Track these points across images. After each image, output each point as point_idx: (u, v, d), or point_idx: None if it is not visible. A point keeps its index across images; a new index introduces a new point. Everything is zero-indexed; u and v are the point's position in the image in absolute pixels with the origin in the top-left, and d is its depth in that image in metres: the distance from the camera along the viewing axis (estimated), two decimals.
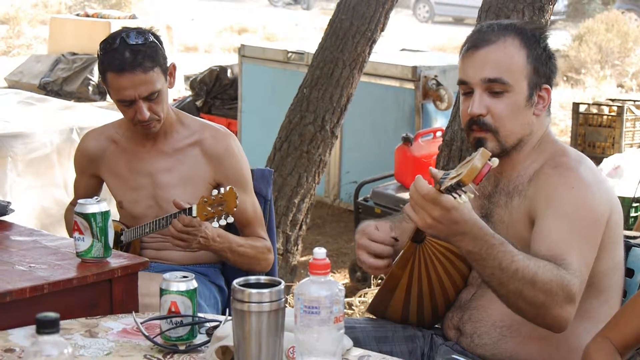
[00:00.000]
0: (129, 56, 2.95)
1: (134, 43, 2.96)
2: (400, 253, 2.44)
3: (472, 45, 2.42)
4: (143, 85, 2.97)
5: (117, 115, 3.25)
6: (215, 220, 2.85)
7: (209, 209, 2.83)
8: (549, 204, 2.29)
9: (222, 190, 2.84)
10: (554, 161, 2.38)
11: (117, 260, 2.67)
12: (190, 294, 2.19)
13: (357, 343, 2.32)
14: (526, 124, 2.42)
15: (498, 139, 2.40)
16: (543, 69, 2.41)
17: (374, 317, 2.64)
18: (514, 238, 2.22)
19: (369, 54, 5.42)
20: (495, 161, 1.97)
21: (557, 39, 15.52)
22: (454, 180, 1.95)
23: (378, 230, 2.56)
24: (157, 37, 3.06)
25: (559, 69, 2.52)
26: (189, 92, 9.69)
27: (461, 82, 2.45)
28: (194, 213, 2.86)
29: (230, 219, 2.85)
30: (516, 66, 2.38)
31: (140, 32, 3.02)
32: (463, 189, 1.95)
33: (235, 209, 2.82)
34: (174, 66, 3.12)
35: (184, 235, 2.90)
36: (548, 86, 2.43)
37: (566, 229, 2.25)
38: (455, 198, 1.99)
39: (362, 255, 2.54)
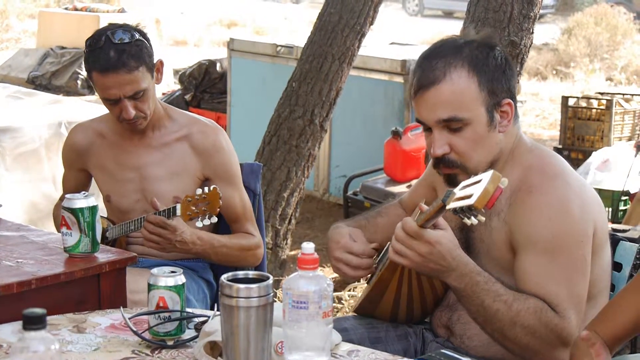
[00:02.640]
0: (113, 55, 2.93)
1: (119, 42, 2.93)
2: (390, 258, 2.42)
3: (419, 87, 2.30)
4: (128, 85, 2.96)
5: (105, 109, 3.23)
6: (199, 220, 2.83)
7: (193, 208, 2.81)
8: (530, 239, 2.24)
9: (206, 189, 2.82)
10: (528, 183, 2.29)
11: (105, 255, 2.66)
12: (179, 289, 2.18)
13: (350, 343, 2.30)
14: (494, 146, 2.33)
15: (468, 173, 2.29)
16: (499, 85, 2.30)
17: (363, 315, 2.62)
18: (494, 259, 2.20)
19: (358, 47, 5.42)
20: (505, 182, 1.90)
21: (546, 33, 15.56)
22: (464, 203, 1.90)
23: (355, 242, 2.55)
24: (143, 34, 3.04)
25: (517, 74, 2.40)
26: (178, 86, 9.68)
27: (418, 121, 2.38)
28: (178, 212, 2.85)
29: (214, 219, 2.84)
30: (468, 99, 2.27)
31: (126, 29, 2.99)
32: (474, 212, 1.91)
33: (218, 209, 2.81)
34: (161, 62, 3.10)
35: (154, 236, 2.88)
36: (509, 99, 2.32)
37: (550, 267, 2.21)
38: (463, 219, 1.95)
39: (343, 268, 2.53)
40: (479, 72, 2.28)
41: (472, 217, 1.90)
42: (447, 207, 1.96)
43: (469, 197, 1.89)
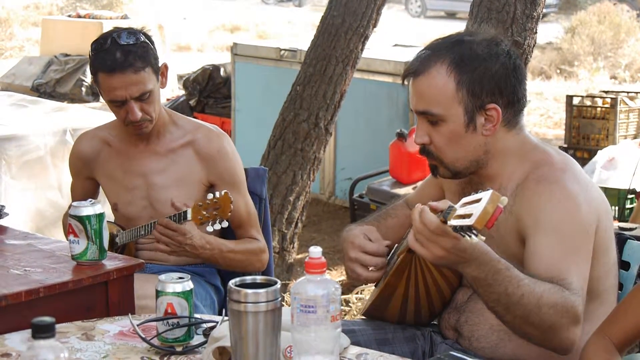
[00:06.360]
0: (119, 56, 2.94)
1: (125, 43, 2.96)
2: (396, 263, 2.41)
3: (405, 75, 2.36)
4: (134, 86, 2.97)
5: (111, 116, 3.24)
6: (210, 224, 2.84)
7: (204, 212, 2.82)
8: (538, 222, 2.25)
9: (217, 194, 2.83)
10: (536, 174, 2.31)
11: (113, 262, 2.66)
12: (187, 294, 2.18)
13: (358, 346, 2.29)
14: (474, 147, 2.33)
15: (445, 167, 2.36)
16: (486, 89, 2.29)
17: (371, 318, 2.62)
18: (504, 253, 2.18)
19: (362, 50, 5.42)
20: (505, 200, 1.88)
21: (550, 32, 15.56)
22: (464, 223, 1.88)
23: (370, 241, 2.54)
24: (148, 37, 3.06)
25: (522, 79, 2.38)
26: (183, 92, 9.68)
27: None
28: (189, 217, 2.86)
29: (225, 224, 2.85)
30: (443, 96, 2.29)
31: (131, 32, 3.01)
32: (474, 231, 1.90)
33: (230, 214, 2.82)
34: (165, 66, 3.12)
35: (164, 238, 2.89)
36: (494, 105, 2.29)
37: (560, 247, 2.21)
38: (463, 237, 1.93)
39: (357, 268, 2.52)
40: (460, 71, 2.28)
41: (473, 236, 1.90)
42: (448, 223, 1.96)
43: (468, 216, 1.88)
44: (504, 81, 2.32)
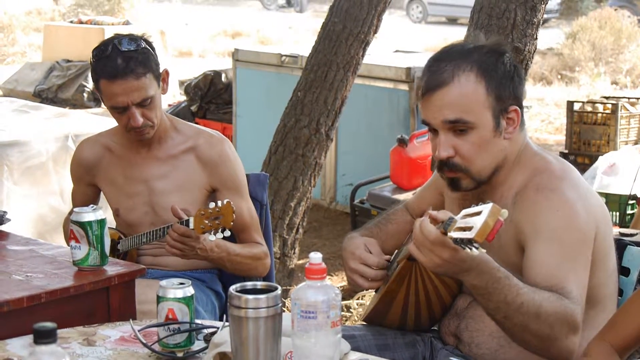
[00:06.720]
0: (121, 63, 2.95)
1: (126, 50, 2.97)
2: (397, 270, 2.42)
3: (427, 88, 2.32)
4: (136, 92, 2.98)
5: (112, 122, 3.25)
6: (212, 233, 2.84)
7: (206, 222, 2.83)
8: (537, 231, 2.25)
9: (219, 203, 2.83)
10: (535, 182, 2.32)
11: (114, 268, 2.67)
12: (187, 300, 2.19)
13: (359, 352, 2.30)
14: (498, 152, 2.34)
15: (471, 177, 2.35)
16: (507, 92, 2.32)
17: (372, 324, 2.64)
18: (503, 262, 2.19)
19: (363, 56, 5.42)
20: (505, 213, 1.89)
21: (551, 37, 15.56)
22: (465, 236, 1.89)
23: (370, 253, 2.56)
24: (149, 43, 3.07)
25: (525, 80, 2.40)
26: (184, 97, 9.70)
27: (424, 122, 2.38)
28: (191, 225, 2.86)
29: (227, 233, 2.85)
30: (475, 102, 2.29)
31: (132, 38, 3.02)
32: (475, 244, 1.91)
33: (232, 223, 2.82)
34: (166, 72, 3.13)
35: (178, 244, 2.90)
36: (515, 106, 2.34)
37: (559, 255, 2.22)
38: (464, 249, 1.94)
39: (358, 279, 2.55)
40: (486, 77, 2.30)
41: (473, 249, 1.91)
42: (448, 234, 1.96)
43: (469, 229, 1.88)
44: (518, 84, 2.35)
